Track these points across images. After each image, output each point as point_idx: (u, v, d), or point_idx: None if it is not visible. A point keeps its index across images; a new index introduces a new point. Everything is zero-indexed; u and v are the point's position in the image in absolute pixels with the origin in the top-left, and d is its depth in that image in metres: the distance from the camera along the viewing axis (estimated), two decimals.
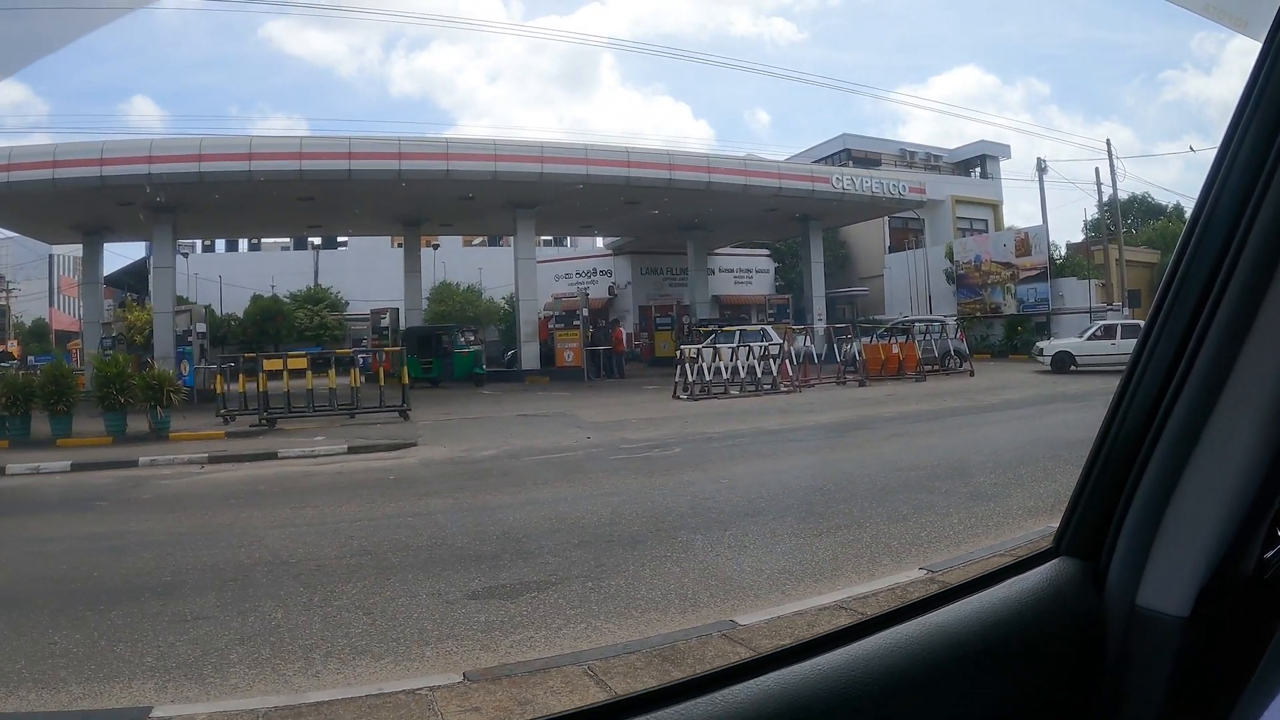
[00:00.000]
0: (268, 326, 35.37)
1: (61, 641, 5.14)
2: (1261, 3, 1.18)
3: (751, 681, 1.16)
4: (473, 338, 30.87)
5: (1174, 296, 1.27)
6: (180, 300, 28.30)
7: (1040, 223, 34.52)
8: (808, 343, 25.03)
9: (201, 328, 25.25)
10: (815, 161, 39.19)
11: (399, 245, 34.60)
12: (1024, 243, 33.79)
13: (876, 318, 35.72)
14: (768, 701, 1.13)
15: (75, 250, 37.22)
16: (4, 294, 45.05)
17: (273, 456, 13.59)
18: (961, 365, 26.21)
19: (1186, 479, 1.26)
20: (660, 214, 29.71)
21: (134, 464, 13.18)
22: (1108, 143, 63.08)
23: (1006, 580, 1.39)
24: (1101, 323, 26.26)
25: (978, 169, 45.58)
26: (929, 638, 1.28)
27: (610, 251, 39.32)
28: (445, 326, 29.92)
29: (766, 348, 22.69)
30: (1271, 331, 1.17)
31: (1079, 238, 40.76)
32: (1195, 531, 1.24)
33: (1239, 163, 1.19)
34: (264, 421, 17.14)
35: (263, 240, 44.15)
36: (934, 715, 1.24)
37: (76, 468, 13.10)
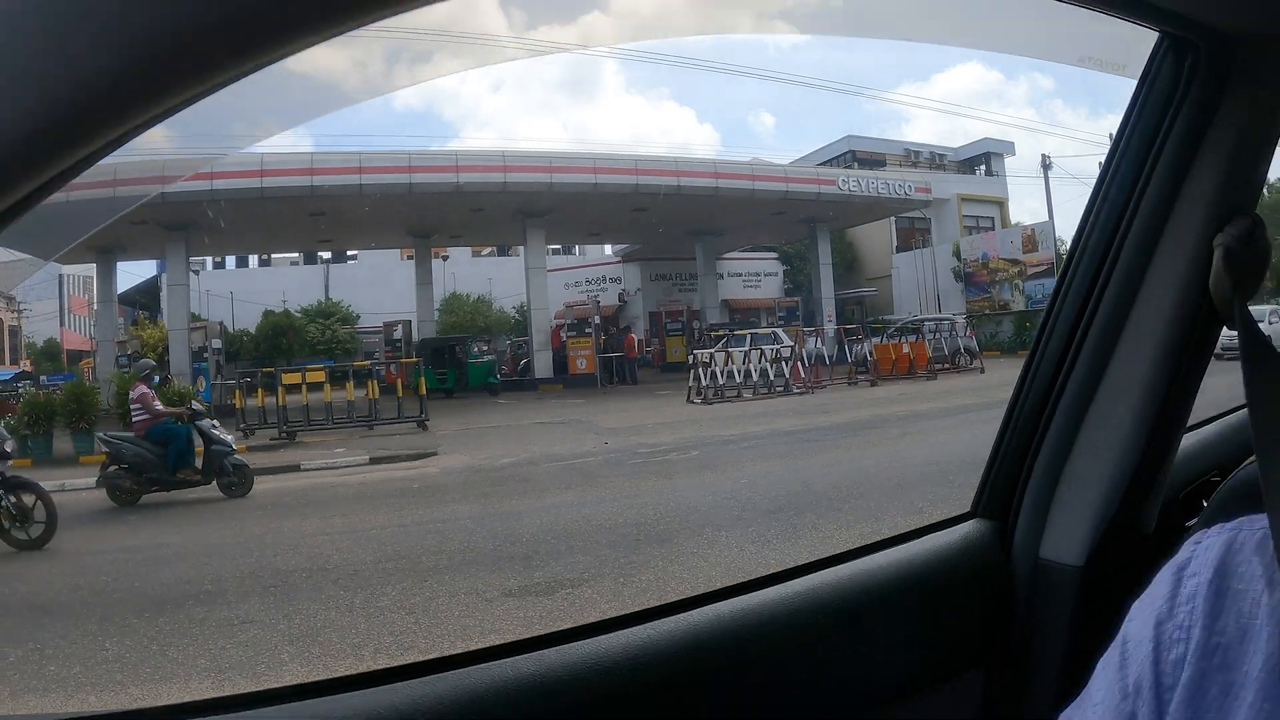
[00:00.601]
0: (280, 341, 35.49)
1: (113, 648, 5.33)
2: (1135, 46, 1.39)
3: (681, 616, 1.32)
4: (485, 347, 30.99)
5: (1063, 298, 1.54)
6: (193, 317, 28.51)
7: (1046, 219, 34.62)
8: (819, 344, 25.16)
9: (217, 344, 25.49)
10: (820, 164, 39.29)
11: (409, 258, 34.76)
12: (1030, 239, 33.84)
13: (886, 318, 35.76)
14: (697, 634, 1.29)
15: (85, 270, 37.41)
16: (15, 314, 45.32)
17: (295, 469, 13.76)
18: (972, 363, 26.28)
19: (1077, 448, 1.51)
20: (668, 220, 29.90)
21: None
22: (1110, 136, 62.95)
23: (927, 536, 1.61)
24: None
25: (982, 166, 45.60)
26: (852, 582, 1.47)
27: (620, 259, 39.46)
28: (459, 337, 30.10)
29: (778, 350, 22.82)
30: (1142, 328, 1.42)
31: None
32: (1086, 492, 1.48)
33: (1115, 184, 1.45)
34: (284, 435, 17.34)
35: (273, 256, 44.36)
36: (856, 650, 1.42)
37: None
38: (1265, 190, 1.42)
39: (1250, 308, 1.13)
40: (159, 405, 11.52)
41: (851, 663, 1.40)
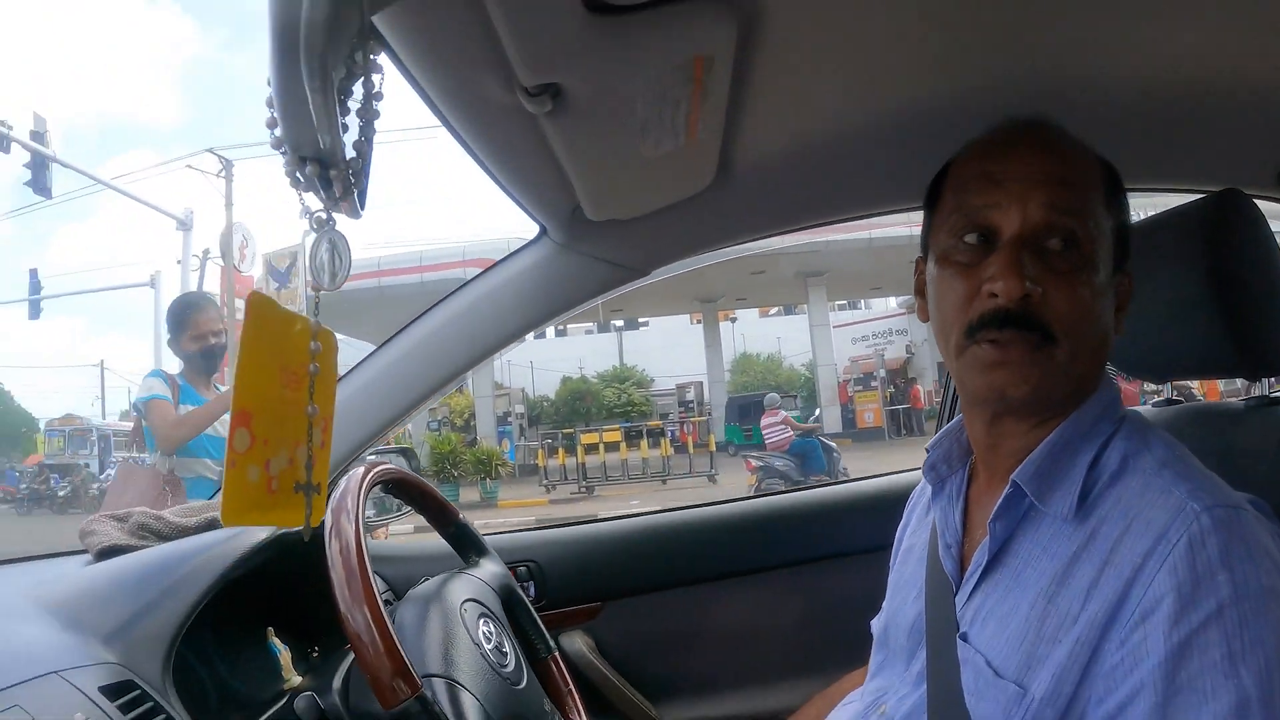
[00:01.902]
0: (578, 405, 37.68)
1: None
2: None
3: None
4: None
5: None
6: (496, 385, 30.96)
7: None
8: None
9: (520, 409, 27.64)
10: None
11: (698, 321, 35.94)
12: None
13: None
14: None
15: None
16: None
17: (595, 520, 14.63)
18: None
19: None
20: None
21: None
22: None
23: None
24: None
25: None
26: None
27: (904, 311, 38.81)
28: (759, 395, 30.37)
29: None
30: None
31: None
32: None
33: None
34: (583, 489, 18.61)
35: (568, 326, 47.22)
36: None
37: (419, 530, 14.80)
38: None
39: None
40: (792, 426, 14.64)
41: None
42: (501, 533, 2.23)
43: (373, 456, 1.66)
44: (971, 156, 1.00)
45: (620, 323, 44.77)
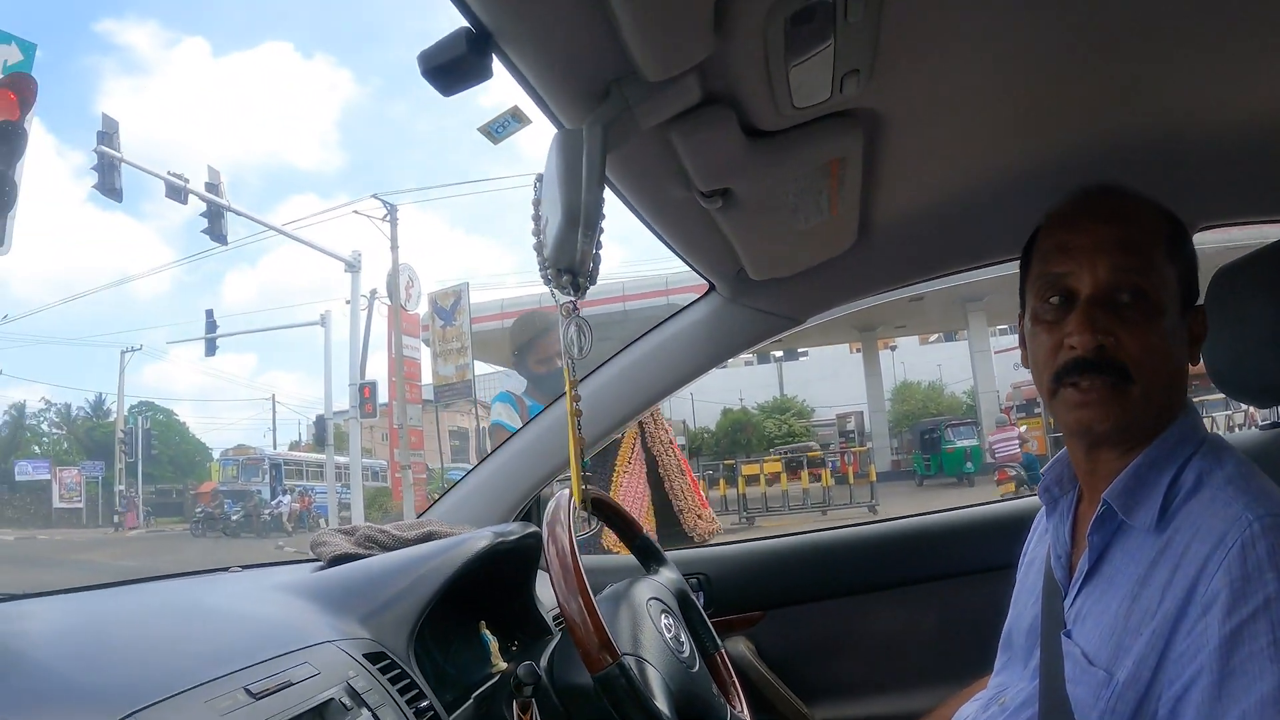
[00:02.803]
0: (739, 436, 37.49)
1: None
2: None
3: None
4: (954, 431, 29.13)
5: None
6: None
7: None
8: None
9: (681, 440, 27.94)
10: None
11: (857, 350, 35.43)
12: None
13: None
14: None
15: None
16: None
17: (757, 539, 14.72)
18: None
19: None
20: None
21: None
22: None
23: None
24: None
25: None
26: None
27: None
28: (936, 422, 29.18)
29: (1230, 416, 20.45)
30: None
31: None
32: None
33: None
34: (744, 519, 18.67)
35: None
36: None
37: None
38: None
39: None
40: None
41: None
42: (675, 549, 2.48)
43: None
44: (1050, 227, 1.20)
45: (780, 353, 44.37)
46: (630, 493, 3.94)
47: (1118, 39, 1.18)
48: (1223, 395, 1.55)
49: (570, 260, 0.94)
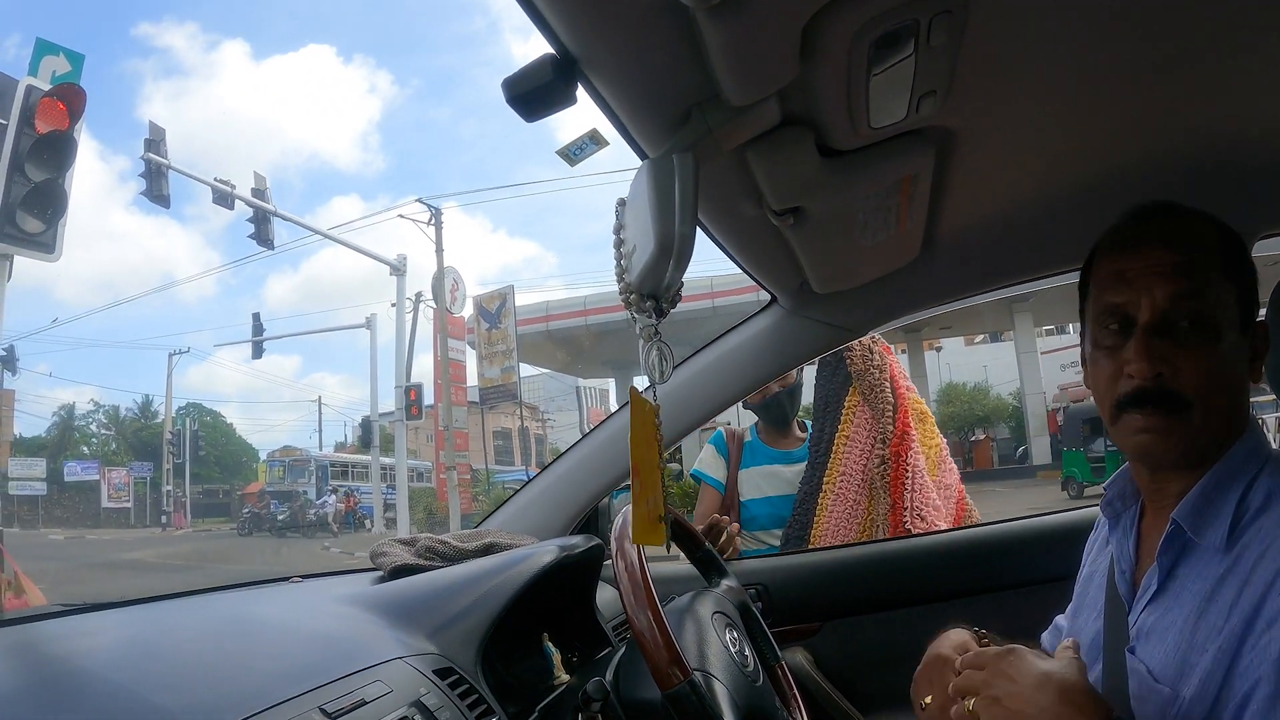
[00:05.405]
0: None
1: None
2: None
3: None
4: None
5: None
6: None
7: None
8: None
9: None
10: None
11: (903, 351, 35.11)
12: None
13: None
14: None
15: (603, 383, 42.12)
16: (540, 423, 51.21)
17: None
18: None
19: None
20: None
21: None
22: None
23: None
24: None
25: None
26: None
27: None
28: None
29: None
30: None
31: None
32: None
33: None
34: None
35: None
36: None
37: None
38: None
39: None
40: None
41: None
42: (735, 558, 2.46)
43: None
44: (1107, 250, 1.19)
45: None
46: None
47: (1182, 49, 1.18)
48: (1274, 395, 1.51)
49: (656, 287, 0.94)
